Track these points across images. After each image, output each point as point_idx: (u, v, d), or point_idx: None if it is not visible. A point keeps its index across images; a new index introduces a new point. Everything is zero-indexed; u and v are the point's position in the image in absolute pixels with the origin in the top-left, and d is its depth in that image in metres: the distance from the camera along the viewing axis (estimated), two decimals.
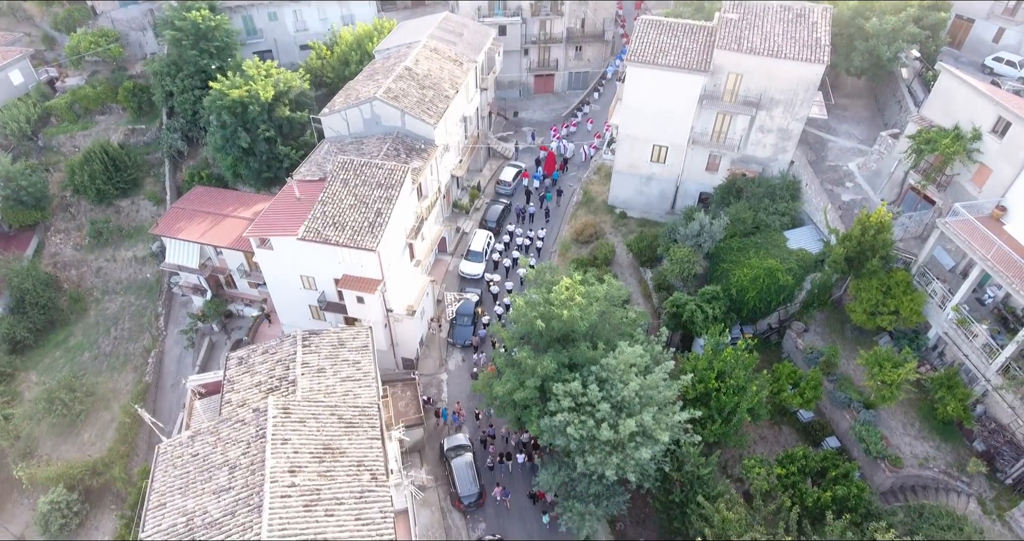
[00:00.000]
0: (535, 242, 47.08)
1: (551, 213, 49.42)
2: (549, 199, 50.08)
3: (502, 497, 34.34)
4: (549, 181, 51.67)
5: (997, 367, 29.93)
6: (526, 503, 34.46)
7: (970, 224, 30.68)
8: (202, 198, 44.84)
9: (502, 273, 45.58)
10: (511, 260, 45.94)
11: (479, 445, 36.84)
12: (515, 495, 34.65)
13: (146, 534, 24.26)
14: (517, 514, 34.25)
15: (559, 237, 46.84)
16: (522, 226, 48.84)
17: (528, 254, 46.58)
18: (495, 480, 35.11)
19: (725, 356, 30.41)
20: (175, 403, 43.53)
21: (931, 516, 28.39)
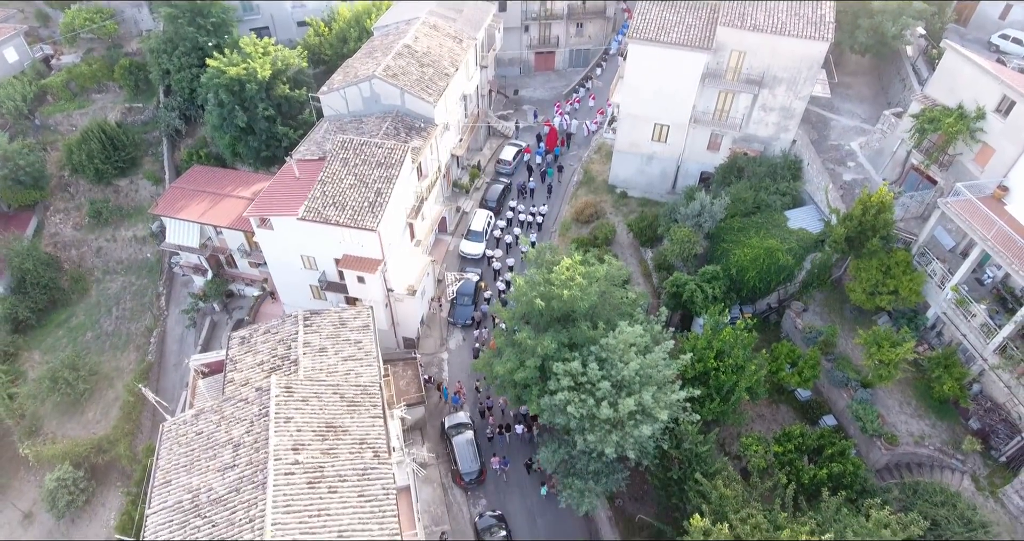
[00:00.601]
0: (536, 218, 47.07)
1: (553, 189, 49.28)
2: (551, 175, 49.99)
3: (500, 467, 34.96)
4: (551, 157, 51.47)
5: (994, 347, 30.12)
6: (524, 473, 35.15)
7: (971, 204, 30.62)
8: (201, 177, 44.65)
9: (503, 249, 45.65)
10: (513, 236, 46.02)
11: (478, 416, 37.38)
12: (513, 465, 35.39)
13: (152, 510, 24.67)
14: (516, 485, 34.92)
15: (559, 217, 46.77)
16: (524, 202, 48.76)
17: (529, 230, 46.58)
18: (493, 451, 35.70)
19: (724, 336, 30.58)
20: (178, 382, 43.90)
21: (925, 493, 28.79)
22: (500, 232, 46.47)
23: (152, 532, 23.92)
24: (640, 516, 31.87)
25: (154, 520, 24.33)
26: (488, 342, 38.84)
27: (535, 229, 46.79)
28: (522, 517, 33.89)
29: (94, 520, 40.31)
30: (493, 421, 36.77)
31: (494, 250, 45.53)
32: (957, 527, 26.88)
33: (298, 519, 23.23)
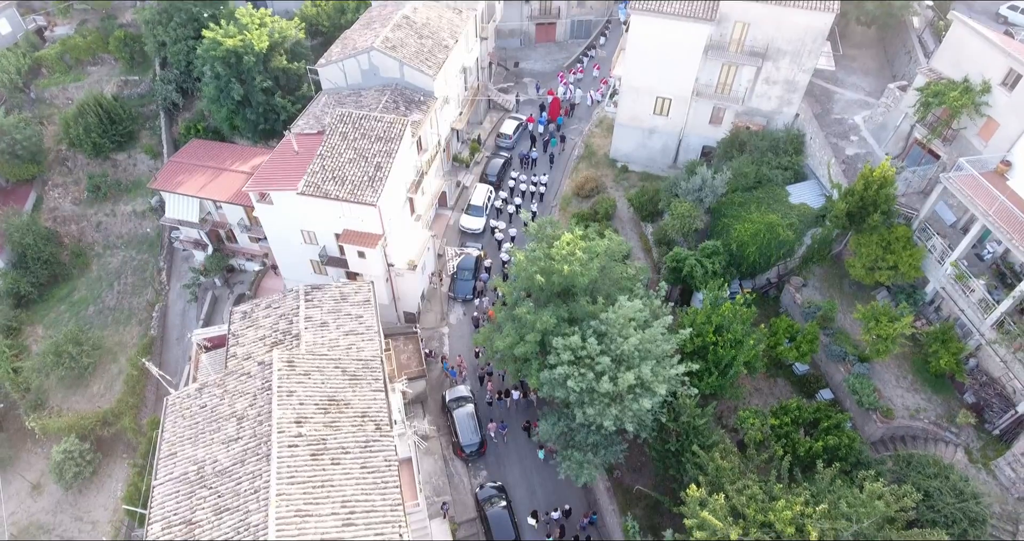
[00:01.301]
0: (538, 188, 47.07)
1: (555, 158, 49.18)
2: (554, 144, 49.76)
3: (498, 432, 35.57)
4: (553, 126, 51.17)
5: (992, 322, 30.29)
6: (522, 437, 35.99)
7: (973, 179, 30.49)
8: (199, 151, 44.37)
9: (505, 219, 45.73)
10: (515, 206, 46.03)
11: (477, 383, 38.03)
12: (512, 430, 36.17)
13: (159, 481, 25.10)
14: (514, 449, 35.73)
15: (560, 191, 46.59)
16: (525, 172, 48.62)
17: (531, 200, 46.57)
18: (491, 417, 36.40)
19: (723, 310, 30.73)
20: (181, 356, 44.26)
21: (919, 465, 29.21)
22: (502, 203, 46.39)
23: (159, 502, 24.38)
24: (638, 487, 32.44)
25: (161, 491, 24.77)
26: (488, 311, 39.53)
27: (536, 199, 46.74)
28: (522, 488, 34.54)
29: (102, 491, 41.04)
30: (492, 387, 37.42)
31: (497, 220, 45.52)
32: (949, 498, 27.34)
33: (302, 490, 23.65)
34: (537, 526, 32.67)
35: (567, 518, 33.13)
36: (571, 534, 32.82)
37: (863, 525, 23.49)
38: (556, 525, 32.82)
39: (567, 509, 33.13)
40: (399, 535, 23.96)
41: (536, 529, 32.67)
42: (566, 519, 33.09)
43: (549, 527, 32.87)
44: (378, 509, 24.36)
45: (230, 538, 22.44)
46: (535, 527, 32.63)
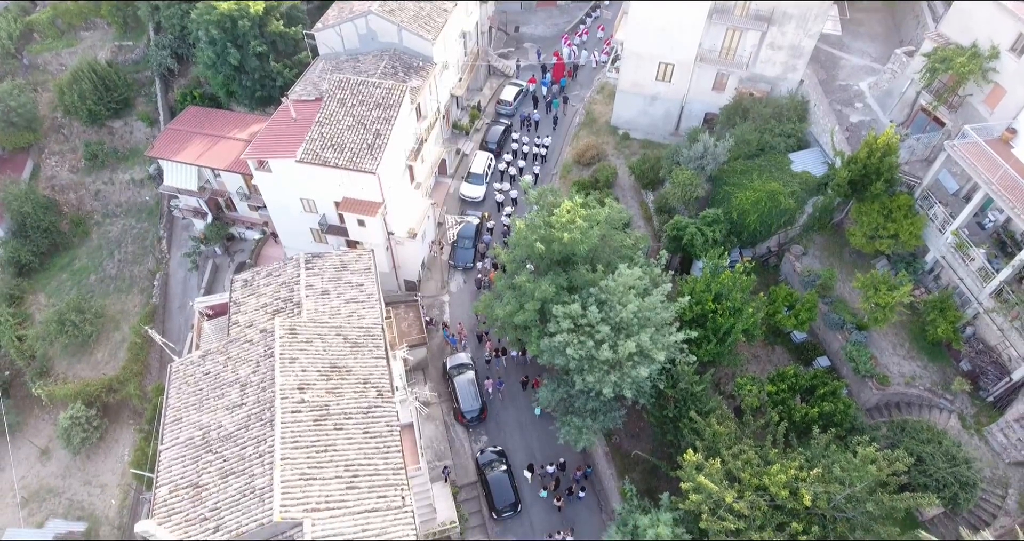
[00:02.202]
0: (541, 150, 46.87)
1: (558, 120, 48.92)
2: (556, 106, 49.36)
3: (495, 387, 36.28)
4: (557, 87, 50.64)
5: (991, 290, 30.39)
6: (519, 392, 36.90)
7: (978, 147, 30.20)
8: (196, 119, 43.88)
9: (508, 181, 45.72)
10: (517, 169, 45.95)
11: (476, 340, 38.83)
12: (509, 385, 37.05)
13: (165, 446, 25.58)
14: (511, 405, 36.68)
15: (561, 159, 46.25)
16: (528, 134, 48.32)
17: (534, 162, 46.42)
18: (488, 374, 37.21)
19: (723, 279, 30.81)
20: (183, 324, 44.58)
21: (912, 431, 29.67)
22: (505, 165, 46.29)
23: (166, 466, 24.91)
24: (636, 452, 33.02)
25: (167, 455, 25.28)
26: (488, 273, 39.89)
27: (539, 161, 46.58)
28: (519, 443, 35.47)
29: (109, 456, 41.80)
30: (490, 345, 37.90)
31: (500, 182, 45.57)
32: (941, 463, 27.84)
33: (306, 454, 24.12)
34: (532, 479, 33.77)
35: (561, 471, 34.21)
36: (565, 486, 33.85)
37: (856, 489, 23.98)
38: (551, 478, 33.87)
39: (561, 462, 34.13)
40: (402, 498, 24.52)
41: (532, 482, 33.76)
42: (560, 472, 34.15)
43: (544, 480, 33.92)
44: (381, 473, 24.89)
45: (236, 500, 22.97)
46: (531, 480, 33.73)
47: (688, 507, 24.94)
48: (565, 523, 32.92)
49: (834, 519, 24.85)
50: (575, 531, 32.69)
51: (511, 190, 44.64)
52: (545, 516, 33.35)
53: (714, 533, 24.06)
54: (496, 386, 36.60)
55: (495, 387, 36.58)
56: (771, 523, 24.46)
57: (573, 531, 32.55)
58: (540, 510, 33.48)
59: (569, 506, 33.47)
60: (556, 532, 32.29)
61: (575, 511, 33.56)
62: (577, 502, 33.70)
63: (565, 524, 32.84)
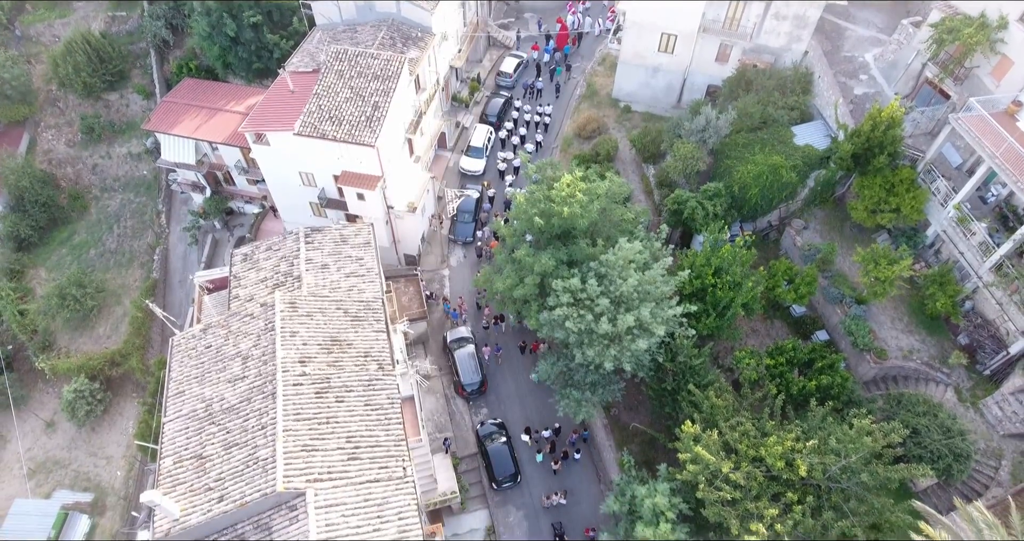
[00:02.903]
0: (543, 118, 46.58)
1: (560, 88, 48.55)
2: (559, 73, 48.91)
3: (492, 353, 36.85)
4: (560, 55, 50.10)
5: (991, 264, 30.37)
6: (516, 357, 37.46)
7: (983, 120, 29.88)
8: (193, 91, 43.35)
9: (510, 149, 45.55)
10: (520, 137, 45.70)
11: (475, 308, 39.18)
12: (507, 350, 37.61)
13: (168, 418, 25.84)
14: (509, 370, 37.24)
15: (561, 132, 45.83)
16: (530, 102, 47.91)
17: (536, 130, 46.26)
18: (486, 341, 37.75)
19: (723, 253, 30.78)
20: (184, 298, 44.70)
21: (909, 403, 29.92)
22: (507, 133, 46.06)
23: (169, 438, 25.18)
24: (634, 424, 33.40)
25: (171, 427, 25.54)
26: (489, 242, 40.02)
27: (541, 129, 46.31)
28: (516, 407, 35.99)
29: (113, 428, 42.28)
30: (489, 312, 38.17)
31: (502, 150, 45.43)
32: (936, 435, 28.14)
33: (308, 426, 24.37)
34: (530, 443, 34.37)
35: (557, 435, 34.79)
36: (561, 449, 34.57)
37: (851, 460, 24.29)
38: (547, 442, 34.48)
39: (557, 427, 34.68)
40: (403, 469, 24.86)
41: (529, 445, 34.41)
42: (556, 436, 34.75)
43: (540, 443, 34.50)
44: (382, 444, 25.19)
45: (240, 471, 23.29)
46: (528, 443, 34.36)
47: (685, 478, 25.30)
48: (560, 486, 33.57)
49: (828, 490, 25.23)
50: (569, 493, 33.31)
51: (514, 159, 44.37)
52: (541, 479, 34.03)
53: (710, 503, 24.43)
54: (494, 352, 37.08)
55: (493, 353, 37.02)
56: (766, 493, 24.84)
57: (567, 494, 33.13)
58: (536, 473, 34.17)
59: (565, 469, 34.20)
60: (553, 494, 32.92)
61: (571, 475, 34.23)
62: (574, 465, 34.37)
63: (560, 487, 33.48)
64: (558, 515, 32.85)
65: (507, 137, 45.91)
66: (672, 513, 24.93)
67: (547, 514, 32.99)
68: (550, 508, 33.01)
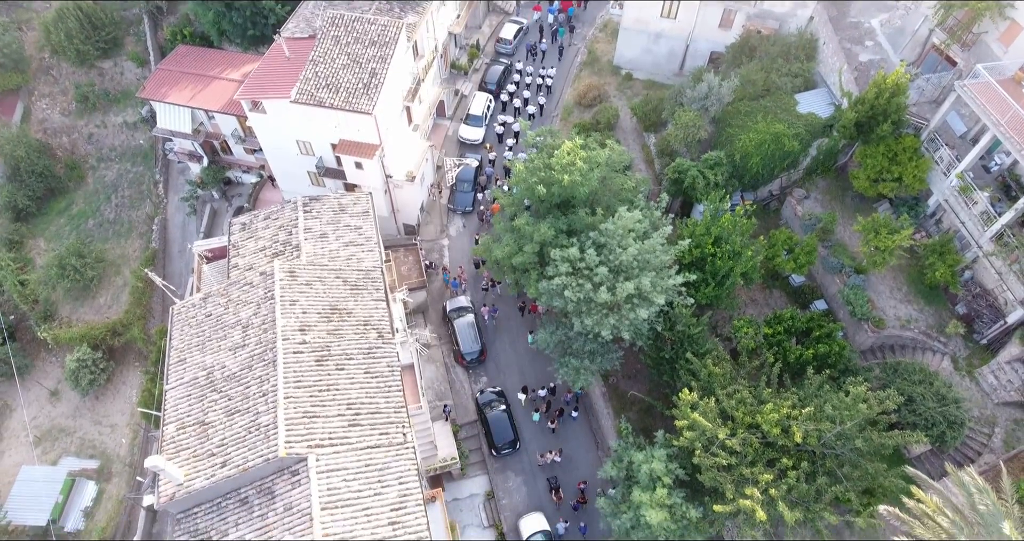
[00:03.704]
0: (545, 80, 46.23)
1: (563, 51, 47.97)
2: (562, 34, 48.33)
3: (490, 314, 37.28)
4: (564, 16, 49.41)
5: (992, 234, 30.27)
6: (514, 318, 37.92)
7: (989, 87, 29.44)
8: (187, 58, 42.68)
9: (512, 113, 45.22)
10: (522, 100, 45.36)
11: (474, 268, 39.55)
12: (505, 311, 38.06)
13: (170, 386, 26.08)
14: (506, 331, 37.74)
15: (561, 100, 45.26)
16: (533, 64, 47.45)
17: (538, 93, 45.86)
18: (484, 301, 38.22)
19: (723, 222, 30.66)
20: (183, 269, 44.71)
21: (905, 372, 30.14)
22: (508, 96, 45.64)
23: (172, 405, 25.46)
24: (632, 392, 33.72)
25: (173, 394, 25.80)
26: (491, 205, 40.04)
27: (544, 92, 45.81)
28: (513, 367, 36.53)
29: (117, 397, 42.71)
30: (487, 275, 38.29)
31: (503, 114, 45.10)
32: (931, 403, 28.41)
33: (308, 393, 24.61)
34: (525, 402, 34.96)
35: (552, 395, 35.39)
36: (556, 407, 35.26)
37: (846, 427, 24.56)
38: (543, 401, 35.10)
39: (552, 386, 35.23)
40: (403, 435, 25.18)
41: (525, 405, 35.00)
42: (551, 396, 35.35)
43: (536, 402, 35.12)
44: (382, 411, 25.47)
45: (242, 437, 23.60)
46: (524, 403, 34.96)
47: (682, 444, 25.63)
48: (556, 445, 34.22)
49: (823, 456, 25.58)
50: (564, 452, 33.97)
51: (513, 123, 43.95)
52: (537, 439, 34.68)
53: (706, 468, 24.80)
54: (491, 312, 37.38)
55: (490, 313, 37.36)
56: (762, 459, 25.19)
57: (562, 452, 33.75)
58: (533, 432, 34.83)
59: (561, 427, 34.86)
60: (548, 452, 33.56)
61: (566, 433, 34.90)
62: (570, 423, 34.96)
63: (556, 445, 34.13)
64: (553, 473, 33.73)
65: (508, 100, 45.32)
66: (668, 478, 25.34)
67: (543, 471, 33.90)
68: (545, 466, 33.79)
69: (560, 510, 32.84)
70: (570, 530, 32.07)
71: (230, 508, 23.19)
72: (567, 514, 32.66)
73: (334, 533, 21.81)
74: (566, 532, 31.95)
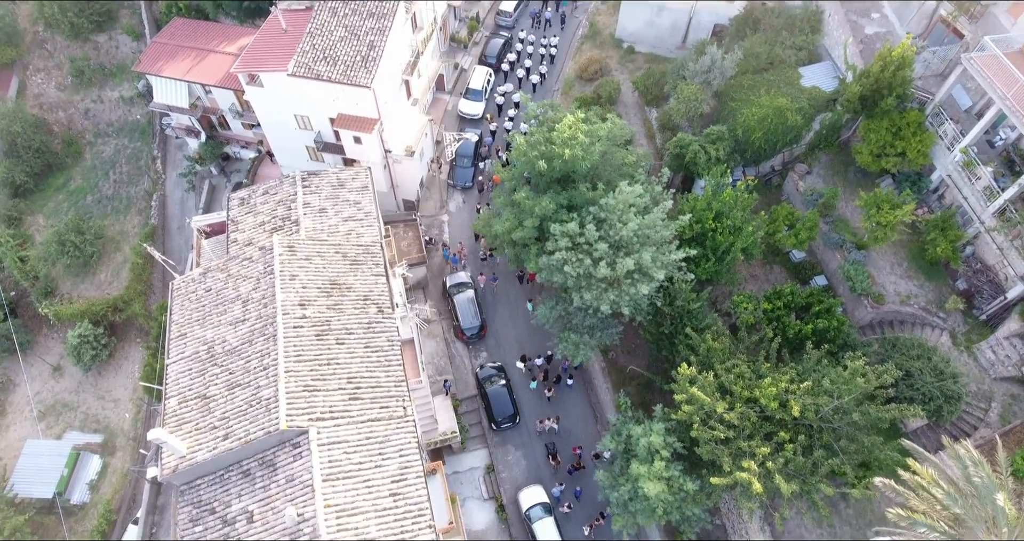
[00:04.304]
0: (548, 50, 45.83)
1: (567, 18, 47.63)
2: (565, 3, 47.82)
3: (488, 282, 37.54)
4: None
5: (994, 209, 30.09)
6: (513, 287, 38.16)
7: (996, 60, 28.98)
8: (183, 31, 42.08)
9: (514, 82, 44.93)
10: (524, 70, 45.10)
11: (473, 240, 39.66)
12: (503, 280, 38.33)
13: (172, 360, 26.20)
14: (504, 300, 38.05)
15: (562, 74, 44.71)
16: (536, 33, 47.11)
17: (541, 62, 45.65)
18: (481, 270, 38.48)
19: (724, 197, 30.47)
20: (183, 245, 44.66)
21: (903, 347, 30.15)
22: (509, 66, 45.21)
23: (174, 379, 25.61)
24: (631, 367, 33.88)
25: (174, 369, 25.93)
26: (492, 176, 40.00)
27: (547, 61, 45.55)
28: (511, 335, 36.86)
29: (120, 372, 42.97)
30: (485, 245, 38.41)
31: (504, 84, 44.84)
32: (929, 377, 28.47)
33: (309, 367, 24.73)
34: (524, 370, 35.43)
35: (549, 363, 35.82)
36: (553, 375, 35.76)
37: (843, 401, 24.70)
38: (540, 369, 35.53)
39: (549, 355, 35.57)
40: (403, 408, 25.36)
41: (523, 372, 35.51)
42: (548, 364, 35.79)
43: (534, 371, 35.61)
44: (383, 385, 25.62)
45: (244, 410, 23.77)
46: (523, 370, 35.47)
47: (680, 418, 25.81)
48: (553, 412, 34.64)
49: (820, 429, 25.77)
50: (561, 420, 34.47)
51: (513, 93, 43.51)
52: (535, 406, 35.17)
53: (704, 442, 25.01)
54: (490, 280, 37.58)
55: (489, 281, 37.56)
56: (759, 433, 25.39)
57: (559, 419, 34.19)
58: (530, 400, 35.35)
59: (558, 395, 35.35)
60: (546, 418, 34.07)
61: (563, 401, 35.41)
62: (567, 391, 35.41)
63: (553, 413, 34.58)
64: (550, 440, 34.31)
65: (510, 70, 44.80)
66: (666, 451, 25.55)
67: (540, 438, 34.45)
68: (543, 432, 34.28)
69: (557, 474, 33.54)
70: (565, 493, 32.82)
71: (233, 480, 23.45)
72: (564, 478, 33.32)
73: (336, 504, 22.09)
74: (561, 495, 32.71)
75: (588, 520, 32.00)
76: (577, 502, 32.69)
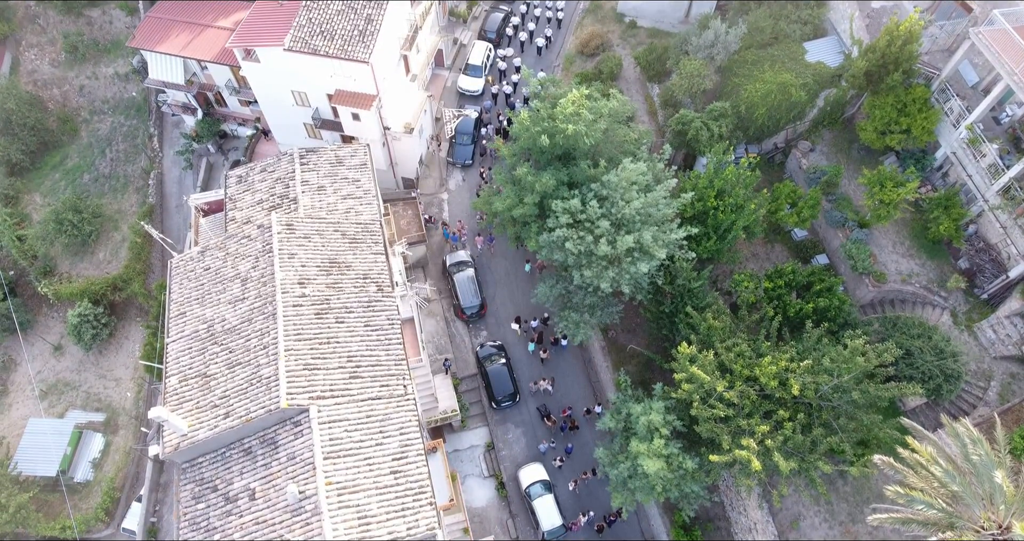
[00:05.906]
0: (555, 13, 45.40)
1: None
2: None
3: (486, 243, 37.84)
4: None
5: (999, 187, 29.82)
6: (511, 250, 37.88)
7: (1005, 34, 28.46)
8: (178, 6, 41.26)
9: (516, 48, 44.52)
10: (527, 34, 44.67)
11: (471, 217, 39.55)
12: (500, 242, 38.13)
13: (172, 339, 26.16)
14: (502, 262, 38.31)
15: (563, 50, 44.02)
16: None
17: (547, 26, 45.23)
18: (478, 232, 38.56)
19: (726, 174, 30.18)
20: (181, 223, 44.40)
21: (904, 326, 30.15)
22: (514, 30, 44.68)
23: (174, 358, 25.60)
24: (631, 346, 33.89)
25: (174, 347, 25.91)
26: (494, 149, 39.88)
27: (554, 25, 45.15)
28: (507, 297, 37.22)
29: (120, 351, 43.03)
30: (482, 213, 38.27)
31: (506, 48, 44.44)
32: (929, 356, 28.50)
33: (309, 346, 24.70)
34: (519, 333, 35.73)
35: (544, 325, 36.03)
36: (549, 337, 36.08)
37: (843, 379, 24.72)
38: (535, 331, 35.83)
39: (545, 317, 35.77)
40: (403, 387, 25.39)
41: (519, 336, 35.79)
42: (544, 326, 36.00)
43: (529, 334, 35.90)
44: (383, 363, 25.61)
45: (244, 389, 23.80)
46: (518, 333, 35.76)
47: (680, 396, 25.87)
48: (548, 374, 35.03)
49: (819, 408, 25.84)
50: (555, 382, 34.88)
51: (514, 57, 42.90)
52: (530, 368, 35.61)
53: (703, 420, 25.09)
54: (487, 241, 37.68)
55: (486, 242, 37.69)
56: (758, 411, 25.47)
57: (554, 381, 34.52)
58: (526, 362, 35.76)
59: (554, 357, 35.68)
60: (540, 379, 34.47)
61: (559, 366, 35.78)
62: (562, 354, 35.73)
63: (548, 375, 34.95)
64: (543, 400, 34.78)
65: (513, 34, 44.15)
66: (666, 429, 25.66)
67: (534, 399, 34.91)
68: (537, 393, 34.71)
69: (552, 433, 34.07)
70: (556, 449, 33.54)
71: (234, 458, 23.57)
72: (556, 437, 33.91)
73: (337, 481, 22.22)
74: (548, 451, 33.47)
75: (574, 476, 32.60)
76: (568, 458, 33.31)
